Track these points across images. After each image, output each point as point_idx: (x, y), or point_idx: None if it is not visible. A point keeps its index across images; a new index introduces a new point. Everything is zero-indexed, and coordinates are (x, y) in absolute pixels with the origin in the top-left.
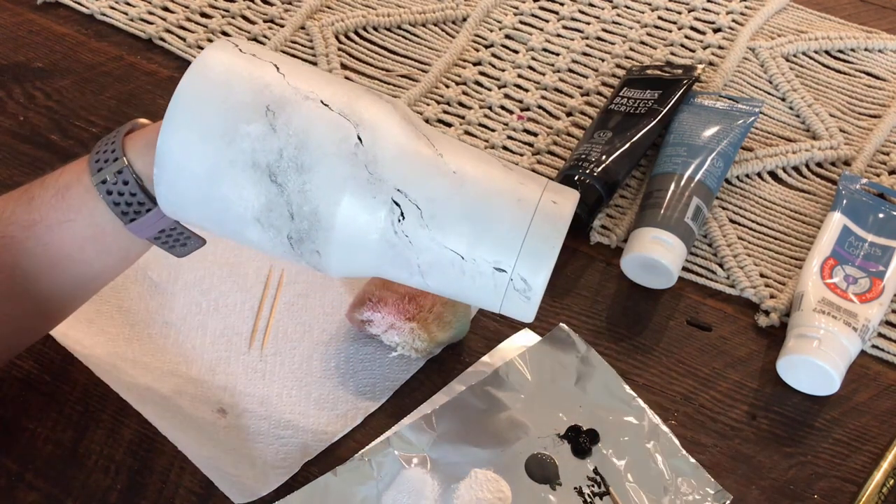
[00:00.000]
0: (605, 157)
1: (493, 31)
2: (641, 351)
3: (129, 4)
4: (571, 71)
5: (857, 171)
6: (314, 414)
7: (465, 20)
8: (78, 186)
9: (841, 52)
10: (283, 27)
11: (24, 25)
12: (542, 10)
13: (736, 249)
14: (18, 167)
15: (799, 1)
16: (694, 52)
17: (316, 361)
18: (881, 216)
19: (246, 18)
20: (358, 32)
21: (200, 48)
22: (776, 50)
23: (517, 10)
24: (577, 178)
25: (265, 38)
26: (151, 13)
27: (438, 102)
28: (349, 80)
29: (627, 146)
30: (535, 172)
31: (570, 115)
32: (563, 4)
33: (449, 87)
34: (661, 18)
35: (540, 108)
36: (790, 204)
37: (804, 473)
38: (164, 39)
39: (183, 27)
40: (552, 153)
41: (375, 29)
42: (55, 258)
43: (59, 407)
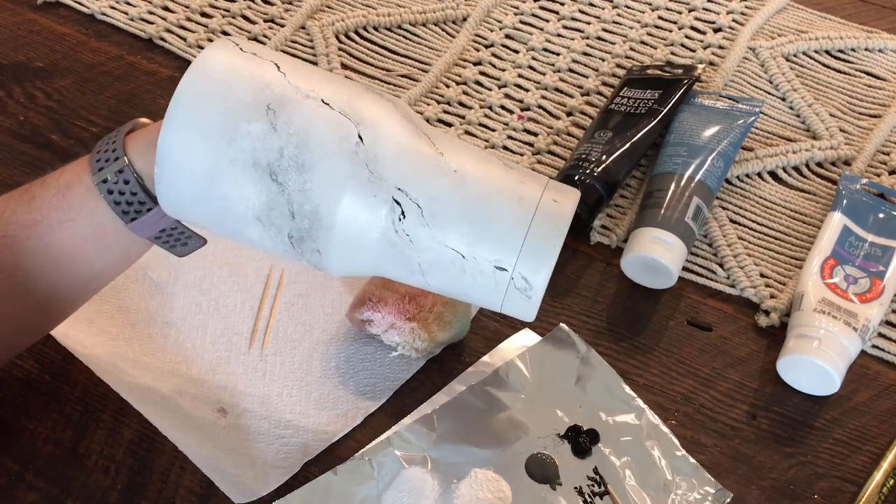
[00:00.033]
0: (605, 156)
1: (493, 30)
2: (641, 351)
3: (129, 4)
4: (572, 71)
5: (857, 171)
6: (314, 414)
7: (465, 20)
8: (79, 186)
9: (841, 51)
10: (283, 27)
11: (24, 25)
12: (542, 9)
13: (736, 249)
14: (18, 167)
15: (799, 1)
16: (694, 51)
17: (316, 361)
18: (881, 216)
19: (246, 18)
20: (358, 32)
21: (201, 48)
22: (776, 50)
23: (517, 9)
24: (577, 177)
25: (265, 37)
26: (152, 13)
27: (439, 102)
28: (349, 79)
29: (628, 146)
30: (534, 172)
31: (570, 114)
32: (563, 4)
33: (449, 86)
34: (661, 18)
35: (540, 107)
36: (790, 204)
37: (804, 473)
38: (164, 39)
39: (183, 27)
40: (552, 153)
41: (376, 29)
42: (56, 258)
43: (59, 407)
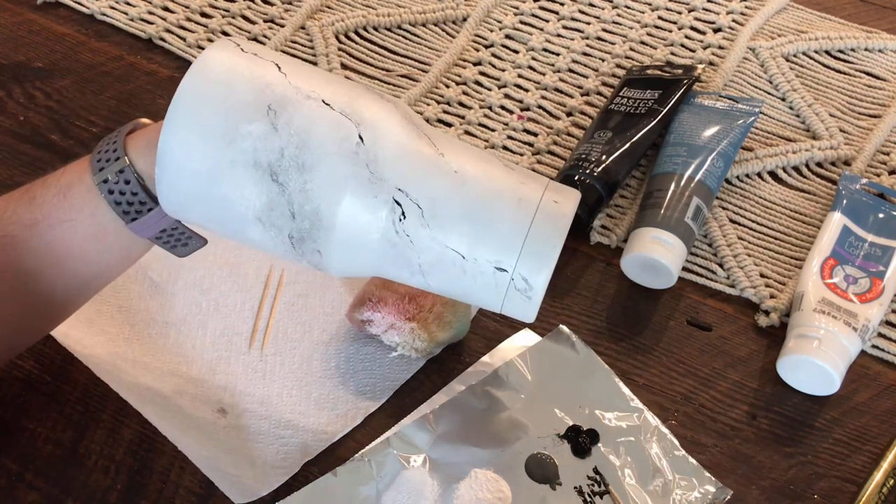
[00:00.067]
0: (605, 157)
1: (493, 31)
2: (641, 351)
3: (129, 4)
4: (571, 71)
5: (857, 171)
6: (314, 414)
7: (465, 20)
8: (79, 186)
9: (841, 52)
10: (283, 27)
11: (24, 25)
12: (542, 10)
13: (736, 249)
14: (18, 167)
15: (799, 1)
16: (694, 52)
17: (316, 361)
18: (881, 216)
19: (246, 18)
20: (358, 32)
21: (200, 48)
22: (776, 50)
23: (517, 10)
24: (577, 178)
25: (265, 37)
26: (151, 13)
27: (438, 102)
28: (350, 79)
29: (627, 146)
30: (535, 172)
31: (570, 115)
32: (563, 4)
33: (449, 86)
34: (661, 18)
35: (540, 107)
36: (790, 204)
37: (804, 473)
38: (164, 39)
39: (183, 27)
40: (552, 153)
41: (375, 29)
42: (57, 257)
43: (59, 407)
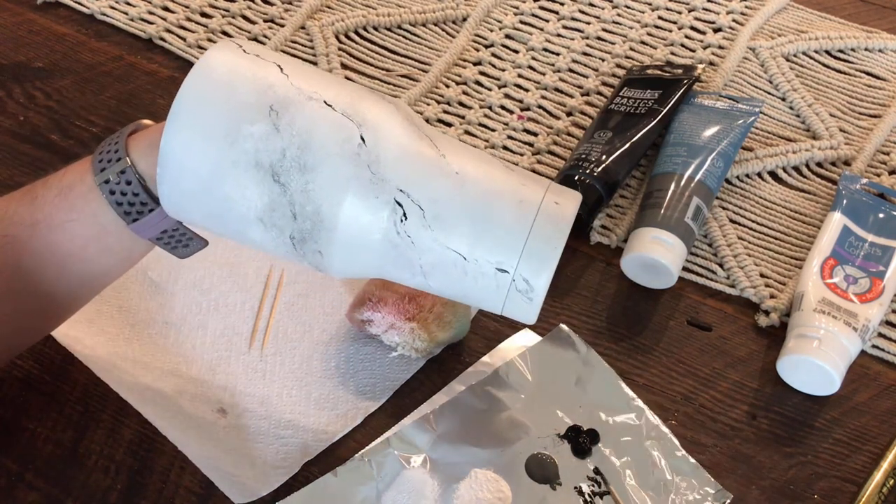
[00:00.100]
0: (605, 156)
1: (493, 30)
2: (641, 351)
3: (129, 4)
4: (571, 71)
5: (857, 170)
6: (314, 414)
7: (465, 20)
8: (81, 186)
9: (841, 51)
10: (283, 27)
11: (24, 25)
12: (542, 9)
13: (736, 249)
14: (18, 167)
15: (799, 1)
16: (694, 51)
17: (316, 361)
18: (881, 216)
19: (246, 18)
20: (358, 32)
21: (201, 48)
22: (776, 50)
23: (517, 9)
24: (577, 178)
25: (265, 37)
26: (151, 13)
27: (438, 102)
28: (350, 80)
29: (627, 146)
30: (535, 172)
31: (570, 114)
32: (563, 4)
33: (449, 86)
34: (661, 18)
35: (540, 107)
36: (790, 204)
37: (804, 473)
38: (164, 39)
39: (183, 27)
40: (552, 153)
41: (375, 29)
42: (58, 258)
43: (59, 407)
